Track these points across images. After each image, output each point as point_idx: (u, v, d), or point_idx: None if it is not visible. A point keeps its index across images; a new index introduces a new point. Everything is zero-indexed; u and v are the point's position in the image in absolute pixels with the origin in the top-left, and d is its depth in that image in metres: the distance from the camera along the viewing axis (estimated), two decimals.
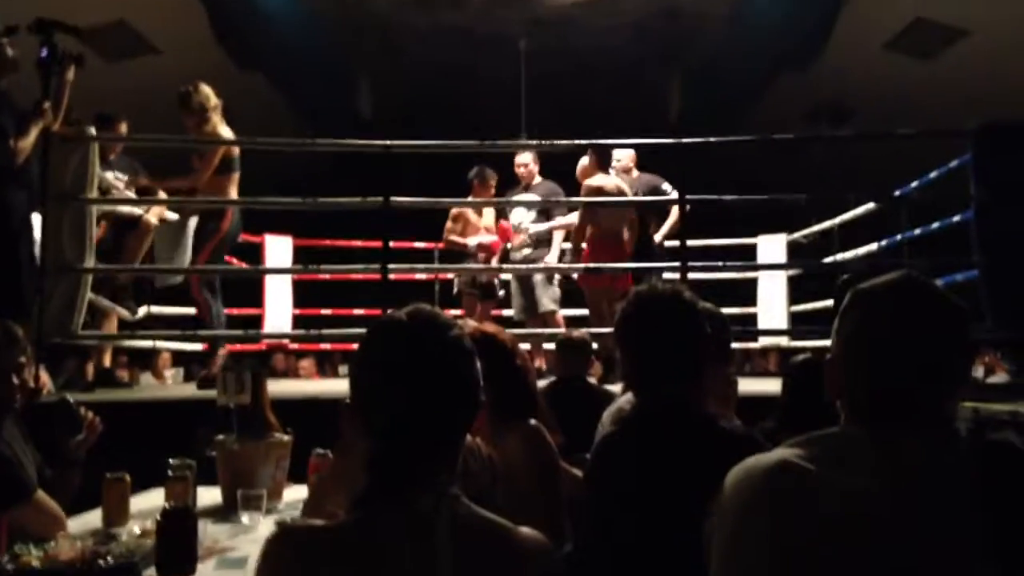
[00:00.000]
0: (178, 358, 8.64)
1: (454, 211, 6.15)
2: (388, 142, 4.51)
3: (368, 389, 1.16)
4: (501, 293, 6.26)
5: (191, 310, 5.56)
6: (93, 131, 4.48)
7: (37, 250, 4.16)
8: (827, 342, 1.23)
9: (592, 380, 4.17)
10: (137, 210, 5.13)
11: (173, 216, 5.28)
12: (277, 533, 1.10)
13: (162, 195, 5.24)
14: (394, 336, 1.17)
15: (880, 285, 1.18)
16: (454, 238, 6.14)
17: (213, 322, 4.96)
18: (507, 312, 6.23)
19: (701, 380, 1.71)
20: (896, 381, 1.12)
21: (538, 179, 6.02)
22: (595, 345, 4.41)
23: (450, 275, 6.47)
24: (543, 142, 5.29)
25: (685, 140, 4.70)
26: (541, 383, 3.64)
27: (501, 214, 6.25)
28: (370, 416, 1.15)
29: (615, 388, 3.68)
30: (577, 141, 4.82)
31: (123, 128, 5.12)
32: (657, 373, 1.72)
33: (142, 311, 5.39)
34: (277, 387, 5.33)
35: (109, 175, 4.98)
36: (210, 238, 4.98)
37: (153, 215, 5.17)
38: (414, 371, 1.14)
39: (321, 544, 1.07)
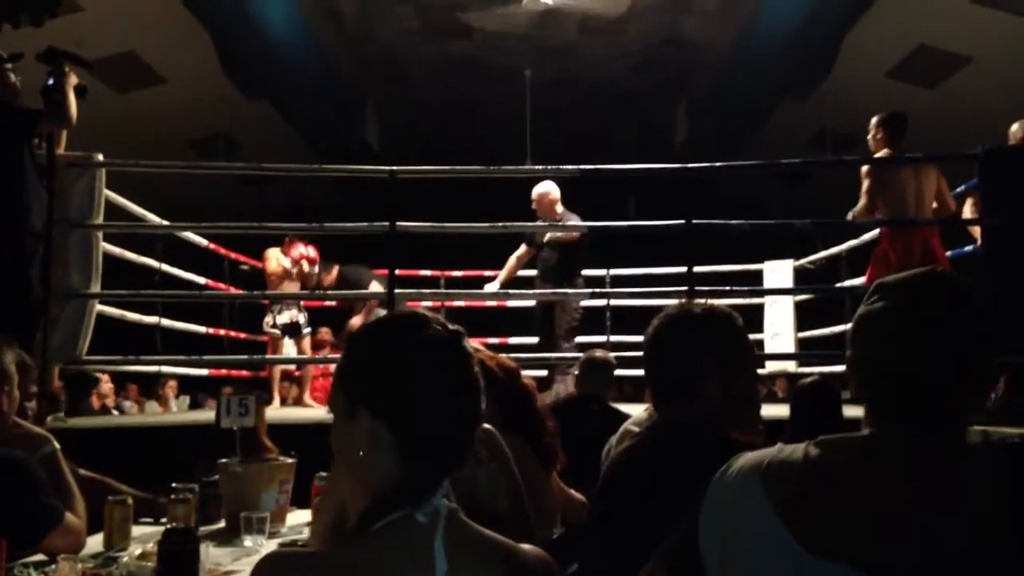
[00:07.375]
0: (185, 386, 8.65)
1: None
2: (394, 167, 4.52)
3: (411, 402, 1.10)
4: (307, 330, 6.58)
5: (201, 328, 5.57)
6: (100, 157, 4.49)
7: None
8: (835, 368, 1.20)
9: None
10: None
11: None
12: (264, 560, 1.05)
13: None
14: (439, 350, 1.13)
15: (906, 278, 1.13)
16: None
17: None
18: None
19: (715, 399, 1.65)
20: (927, 377, 1.05)
21: None
22: None
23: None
24: (548, 167, 5.29)
25: (691, 165, 4.69)
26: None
27: None
28: (406, 429, 1.09)
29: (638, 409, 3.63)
30: (582, 167, 4.82)
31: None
32: (668, 390, 1.69)
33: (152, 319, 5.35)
34: (280, 413, 5.33)
35: None
36: None
37: None
38: (461, 385, 1.12)
39: (307, 572, 1.02)
